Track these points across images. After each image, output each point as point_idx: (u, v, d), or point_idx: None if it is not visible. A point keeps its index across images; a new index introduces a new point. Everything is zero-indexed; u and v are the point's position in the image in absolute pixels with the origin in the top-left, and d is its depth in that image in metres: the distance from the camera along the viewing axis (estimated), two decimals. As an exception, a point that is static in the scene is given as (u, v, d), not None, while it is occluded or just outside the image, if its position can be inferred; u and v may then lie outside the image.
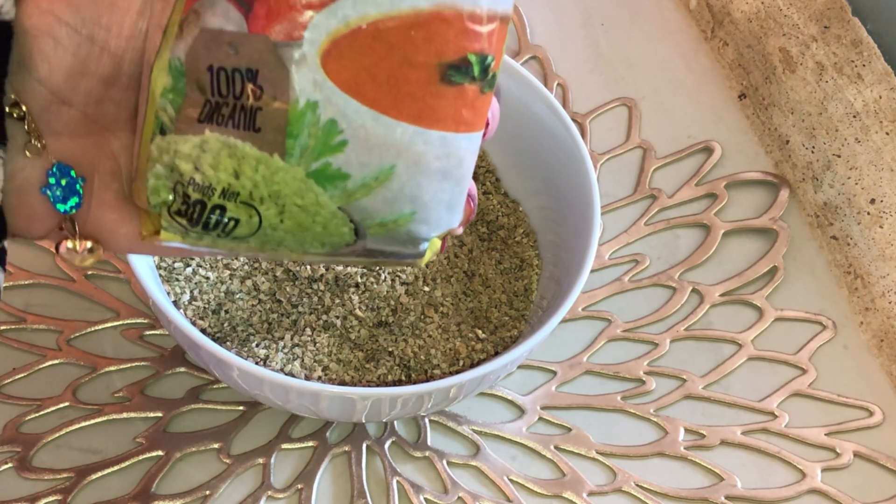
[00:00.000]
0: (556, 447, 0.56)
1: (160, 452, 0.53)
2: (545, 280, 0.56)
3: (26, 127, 0.34)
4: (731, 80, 0.70)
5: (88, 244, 0.36)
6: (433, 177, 0.35)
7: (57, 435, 0.53)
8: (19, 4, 0.33)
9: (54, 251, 0.37)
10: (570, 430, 0.56)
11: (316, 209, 0.35)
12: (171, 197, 0.35)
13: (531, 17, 0.72)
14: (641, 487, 0.55)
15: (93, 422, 0.54)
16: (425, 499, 0.53)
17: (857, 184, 0.62)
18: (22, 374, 0.55)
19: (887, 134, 0.62)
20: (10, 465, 0.52)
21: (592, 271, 0.58)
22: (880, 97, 0.63)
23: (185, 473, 0.53)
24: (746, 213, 0.65)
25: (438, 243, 0.38)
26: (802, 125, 0.65)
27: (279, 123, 0.33)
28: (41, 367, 0.55)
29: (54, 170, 0.35)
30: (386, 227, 0.36)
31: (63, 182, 0.35)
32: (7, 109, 0.33)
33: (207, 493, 0.52)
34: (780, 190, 0.65)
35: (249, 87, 0.33)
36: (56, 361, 0.55)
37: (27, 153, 0.34)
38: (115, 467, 0.53)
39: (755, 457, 0.57)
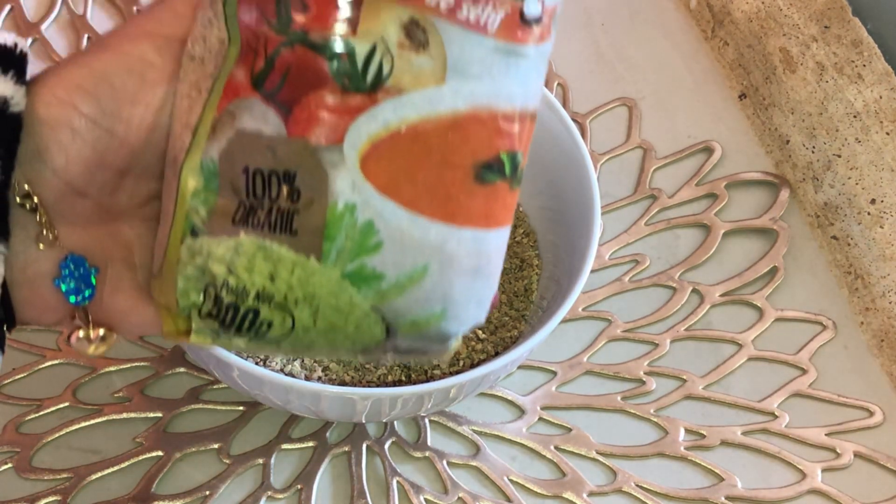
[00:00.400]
0: (556, 447, 0.56)
1: (160, 453, 0.53)
2: (545, 280, 0.56)
3: (38, 218, 0.33)
4: (731, 79, 0.70)
5: (101, 332, 0.36)
6: (465, 275, 0.35)
7: (57, 435, 0.53)
8: (35, 94, 0.32)
9: (66, 339, 0.36)
10: (570, 430, 0.56)
11: (349, 309, 0.34)
12: (201, 299, 0.34)
13: (531, 17, 0.71)
14: (642, 488, 0.55)
15: (92, 422, 0.54)
16: (425, 499, 0.53)
17: (857, 184, 0.62)
18: (22, 375, 0.55)
19: (888, 134, 0.62)
20: (9, 465, 0.52)
21: (592, 271, 0.58)
22: (881, 97, 0.63)
23: (185, 474, 0.53)
24: (747, 213, 0.65)
25: (461, 339, 0.38)
26: (803, 125, 0.65)
27: (317, 226, 0.33)
28: (41, 367, 0.55)
29: (68, 261, 0.34)
30: (417, 326, 0.36)
31: (76, 273, 0.35)
32: (18, 200, 0.33)
33: (207, 493, 0.52)
34: (781, 190, 0.65)
35: (286, 189, 0.33)
36: (56, 362, 0.55)
37: (40, 245, 0.34)
38: (115, 467, 0.53)
39: (755, 457, 0.57)
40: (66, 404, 0.54)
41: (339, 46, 0.32)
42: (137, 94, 0.33)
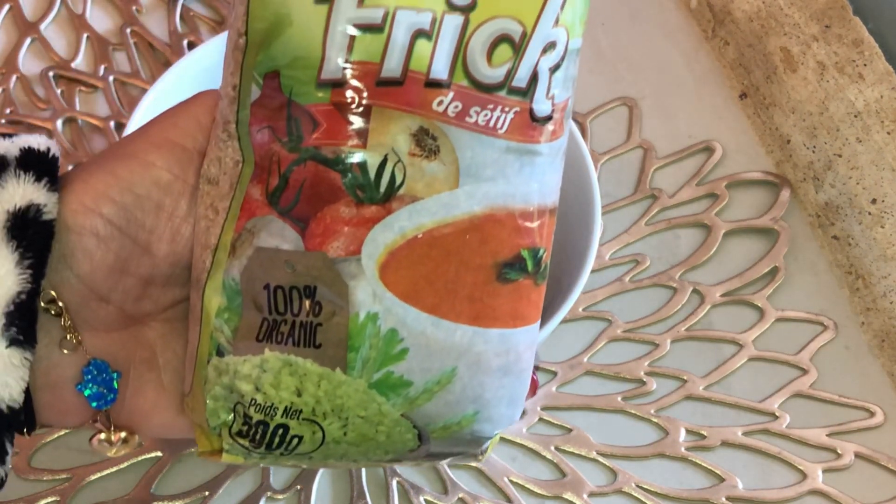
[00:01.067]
0: (556, 448, 0.56)
1: (159, 453, 0.53)
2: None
3: (63, 323, 0.34)
4: (731, 79, 0.70)
5: (122, 435, 0.36)
6: (494, 374, 0.35)
7: (56, 436, 0.53)
8: (63, 200, 0.33)
9: (88, 441, 0.37)
10: (570, 430, 0.56)
11: (379, 419, 0.34)
12: (230, 417, 0.35)
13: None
14: (642, 488, 0.55)
15: (92, 422, 0.54)
16: (425, 500, 0.53)
17: (858, 184, 0.62)
18: (21, 375, 0.55)
19: (888, 133, 0.62)
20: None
21: (593, 271, 0.58)
22: (881, 97, 0.62)
23: (184, 474, 0.53)
24: (747, 213, 0.65)
25: (498, 438, 0.38)
26: (803, 125, 0.65)
27: (340, 338, 0.33)
28: (40, 367, 0.55)
29: (91, 367, 0.35)
30: (449, 430, 0.35)
31: (99, 379, 0.35)
32: (43, 305, 0.33)
33: (206, 493, 0.52)
34: (781, 190, 0.65)
35: (308, 303, 0.33)
36: (55, 362, 0.55)
37: (63, 349, 0.34)
38: (114, 468, 0.53)
39: (756, 457, 0.56)
40: (65, 405, 0.54)
41: (350, 160, 0.32)
42: (161, 205, 0.34)
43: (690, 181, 0.65)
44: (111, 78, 0.66)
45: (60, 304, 0.33)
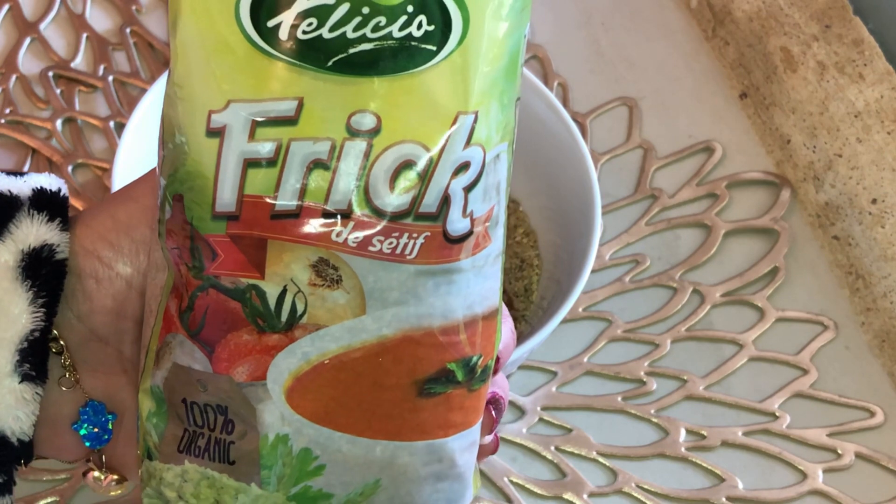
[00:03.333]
0: (556, 448, 0.56)
1: (159, 453, 0.53)
2: (545, 280, 0.56)
3: (63, 361, 0.34)
4: (732, 79, 0.70)
5: (115, 477, 0.37)
6: (424, 482, 0.34)
7: (55, 436, 0.53)
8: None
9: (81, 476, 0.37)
10: (570, 430, 0.56)
11: None
12: None
13: (531, 16, 0.71)
14: (642, 488, 0.55)
15: (91, 422, 0.54)
16: (425, 500, 0.53)
17: (858, 184, 0.61)
18: (20, 375, 0.55)
19: (889, 133, 0.61)
20: (8, 466, 0.52)
21: (593, 272, 0.58)
22: (882, 97, 0.62)
23: (184, 474, 0.53)
24: (747, 213, 0.64)
25: None
26: (804, 125, 0.64)
27: (252, 457, 0.33)
28: (39, 367, 0.55)
29: (87, 408, 0.35)
30: None
31: (95, 420, 0.35)
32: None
33: (206, 494, 0.52)
34: (782, 190, 0.65)
35: (220, 421, 0.33)
36: (54, 362, 0.55)
37: (62, 387, 0.34)
38: (114, 468, 0.53)
39: (756, 458, 0.56)
40: (65, 405, 0.54)
41: (249, 291, 0.31)
42: (155, 247, 0.34)
43: (690, 181, 0.65)
44: (111, 78, 0.66)
45: (62, 342, 0.34)
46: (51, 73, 0.66)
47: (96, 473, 0.36)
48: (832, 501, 0.55)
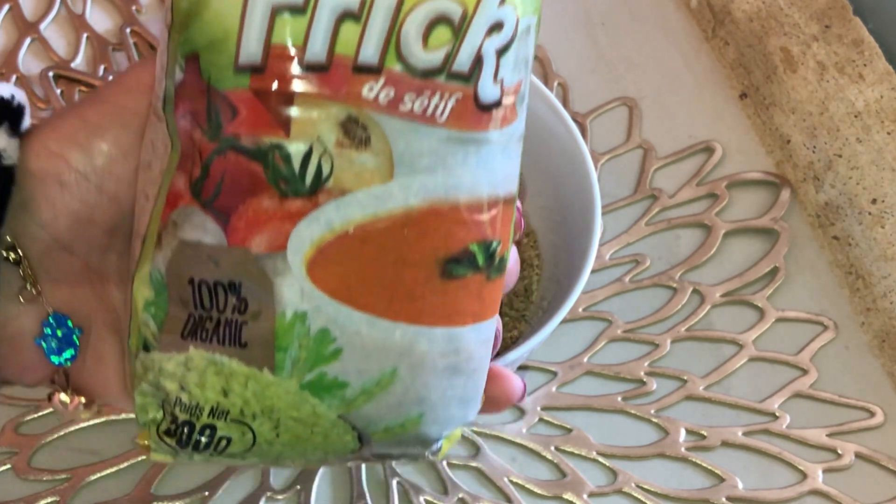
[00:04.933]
0: (556, 448, 0.56)
1: (159, 453, 0.53)
2: (545, 280, 0.56)
3: (22, 272, 0.32)
4: (732, 79, 0.70)
5: (82, 399, 0.35)
6: (441, 375, 0.33)
7: (55, 436, 0.53)
8: (27, 145, 0.31)
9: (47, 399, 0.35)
10: (570, 430, 0.56)
11: (314, 420, 0.32)
12: (159, 415, 0.33)
13: (531, 16, 0.71)
14: (642, 488, 0.55)
15: (91, 423, 0.54)
16: (425, 500, 0.53)
17: (858, 184, 0.62)
18: (20, 375, 0.55)
19: (888, 134, 0.61)
20: (8, 466, 0.52)
21: (593, 272, 0.58)
22: (882, 97, 0.62)
23: (184, 474, 0.53)
24: (747, 213, 0.65)
25: (459, 433, 0.36)
26: (804, 125, 0.65)
27: (266, 338, 0.31)
28: (40, 367, 0.55)
29: (50, 320, 0.33)
30: (392, 433, 0.33)
31: (59, 333, 0.33)
32: (3, 253, 0.32)
33: (206, 494, 0.52)
34: (782, 190, 0.65)
35: (233, 300, 0.31)
36: (54, 362, 0.55)
37: (21, 299, 0.32)
38: (114, 468, 0.53)
39: (756, 458, 0.56)
40: (65, 405, 0.54)
41: (272, 150, 0.30)
42: (130, 151, 0.32)
43: (690, 181, 0.65)
44: (111, 78, 0.66)
45: (20, 251, 0.32)
46: (51, 74, 0.66)
47: (62, 396, 0.34)
48: (832, 501, 0.55)
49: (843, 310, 0.62)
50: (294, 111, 0.30)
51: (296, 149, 0.30)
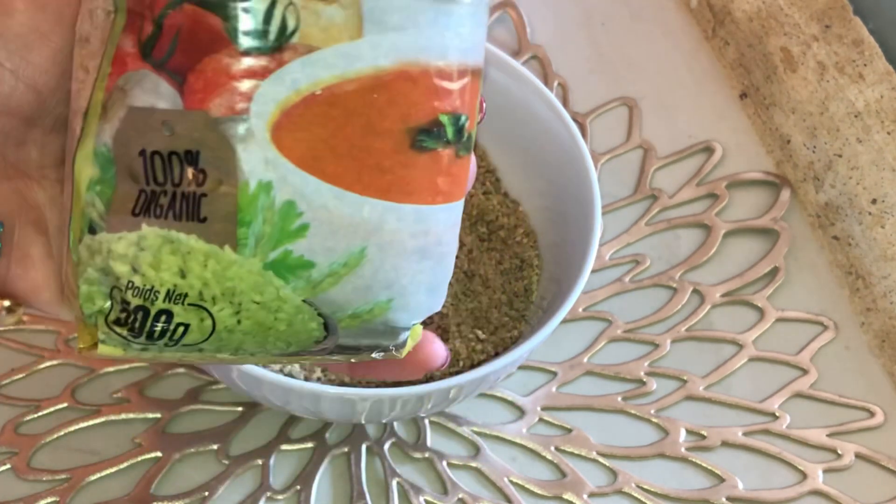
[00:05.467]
0: (556, 448, 0.56)
1: (159, 453, 0.53)
2: (545, 280, 0.56)
3: None
4: (732, 79, 0.70)
5: (6, 303, 0.32)
6: (410, 258, 0.31)
7: (55, 436, 0.53)
8: None
9: None
10: (570, 431, 0.56)
11: (277, 305, 0.30)
12: (107, 304, 0.30)
13: (531, 16, 0.71)
14: (642, 489, 0.55)
15: (91, 423, 0.54)
16: (425, 500, 0.53)
17: (858, 184, 0.61)
18: (20, 375, 0.55)
19: (889, 134, 0.61)
20: (8, 466, 0.52)
21: (593, 272, 0.58)
22: (882, 97, 0.62)
23: (184, 474, 0.53)
24: (747, 213, 0.64)
25: (420, 331, 0.34)
26: (804, 125, 0.64)
27: (228, 210, 0.28)
28: (39, 367, 0.55)
29: None
30: (360, 319, 0.31)
31: None
32: None
33: (206, 494, 0.52)
34: (782, 190, 0.65)
35: (190, 171, 0.28)
36: (54, 362, 0.55)
37: None
38: (114, 468, 0.53)
39: (756, 458, 0.56)
40: (65, 405, 0.54)
41: (233, 1, 0.27)
42: (49, 34, 0.30)
43: (690, 181, 0.65)
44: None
45: None
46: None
47: None
48: (832, 501, 0.55)
49: (844, 310, 0.62)
50: None
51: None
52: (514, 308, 0.55)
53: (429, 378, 0.52)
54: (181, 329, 0.30)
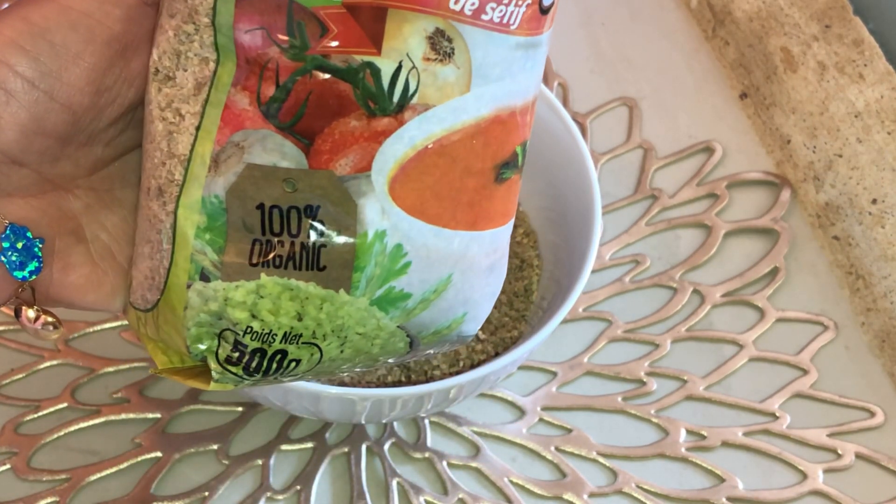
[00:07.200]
0: (556, 448, 0.56)
1: (158, 454, 0.53)
2: (545, 280, 0.56)
3: None
4: (732, 79, 0.70)
5: (49, 319, 0.33)
6: (482, 275, 0.34)
7: (55, 436, 0.53)
8: None
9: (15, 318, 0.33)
10: (570, 431, 0.56)
11: (376, 333, 0.33)
12: (215, 343, 0.32)
13: (531, 16, 0.71)
14: (642, 489, 0.55)
15: (91, 423, 0.54)
16: (425, 500, 0.53)
17: (858, 184, 0.61)
18: (20, 375, 0.55)
19: (889, 134, 0.61)
20: (8, 466, 0.52)
21: (593, 272, 0.58)
22: (882, 97, 0.62)
23: (184, 475, 0.53)
24: (748, 213, 0.64)
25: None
26: (804, 125, 0.64)
27: (346, 259, 0.31)
28: (40, 367, 0.55)
29: (8, 233, 0.31)
30: (439, 335, 0.34)
31: (19, 245, 0.32)
32: None
33: (206, 494, 0.52)
34: (782, 190, 0.65)
35: (309, 223, 0.30)
36: (55, 362, 0.55)
37: None
38: (114, 468, 0.53)
39: (756, 458, 0.56)
40: (65, 405, 0.54)
41: (363, 69, 0.29)
42: (81, 54, 0.30)
43: (690, 181, 0.65)
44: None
45: None
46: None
47: (30, 312, 0.33)
48: (832, 501, 0.55)
49: (844, 310, 0.62)
50: (386, 27, 0.29)
51: (386, 66, 0.30)
52: (514, 308, 0.55)
53: (429, 378, 0.52)
54: (293, 364, 0.33)
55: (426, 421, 0.55)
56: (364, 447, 0.54)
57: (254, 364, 0.32)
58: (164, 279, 0.32)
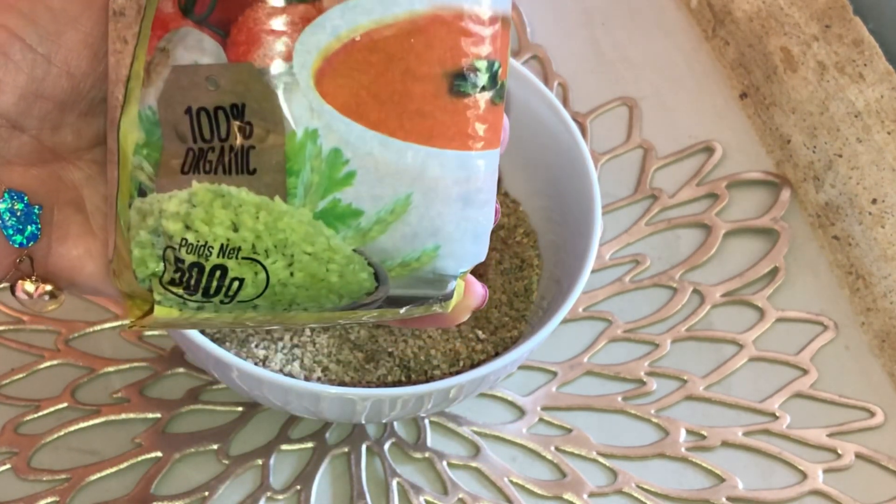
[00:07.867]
0: (556, 448, 0.56)
1: (159, 453, 0.53)
2: (545, 280, 0.56)
3: None
4: (732, 79, 0.70)
5: (48, 287, 0.33)
6: (454, 204, 0.31)
7: (55, 436, 0.53)
8: None
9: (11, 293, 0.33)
10: (570, 431, 0.56)
11: (329, 255, 0.31)
12: (160, 267, 0.31)
13: (531, 16, 0.71)
14: (642, 489, 0.55)
15: (91, 423, 0.54)
16: (425, 500, 0.53)
17: (858, 184, 0.61)
18: (20, 375, 0.55)
19: (889, 134, 0.61)
20: (8, 466, 0.52)
21: (593, 272, 0.58)
22: (882, 97, 0.62)
23: (184, 474, 0.53)
24: (747, 213, 0.64)
25: (463, 285, 0.35)
26: (804, 125, 0.64)
27: (277, 161, 0.29)
28: (40, 367, 0.55)
29: (6, 197, 0.31)
30: (409, 267, 0.32)
31: (17, 209, 0.31)
32: None
33: (206, 494, 0.52)
34: (782, 190, 0.65)
35: (237, 124, 0.29)
36: (54, 362, 0.55)
37: None
38: (114, 468, 0.53)
39: (756, 458, 0.56)
40: (65, 405, 0.54)
41: None
42: (80, 18, 0.30)
43: (690, 181, 0.65)
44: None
45: None
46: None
47: (27, 285, 0.33)
48: (832, 501, 0.55)
49: (844, 310, 0.62)
50: None
51: None
52: (514, 308, 0.55)
53: (429, 378, 0.52)
54: (236, 284, 0.31)
55: (426, 421, 0.55)
56: (364, 447, 0.54)
57: (192, 281, 0.31)
58: (115, 209, 0.31)
